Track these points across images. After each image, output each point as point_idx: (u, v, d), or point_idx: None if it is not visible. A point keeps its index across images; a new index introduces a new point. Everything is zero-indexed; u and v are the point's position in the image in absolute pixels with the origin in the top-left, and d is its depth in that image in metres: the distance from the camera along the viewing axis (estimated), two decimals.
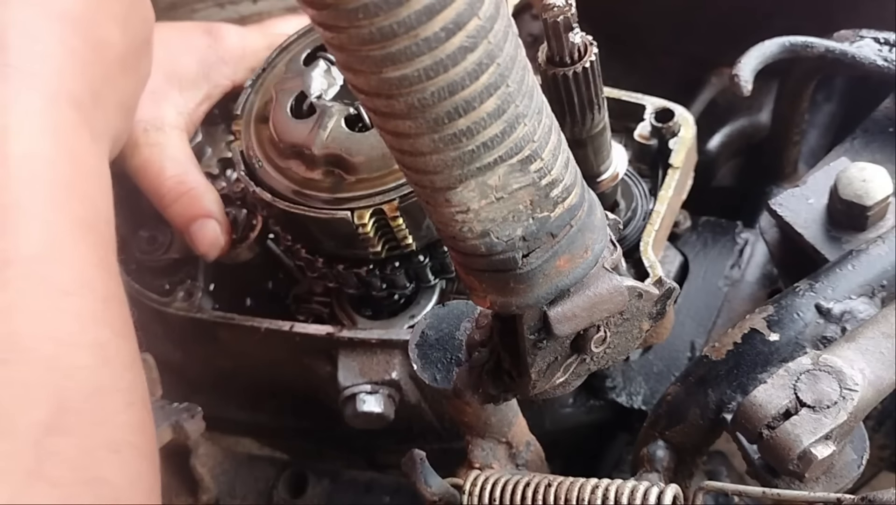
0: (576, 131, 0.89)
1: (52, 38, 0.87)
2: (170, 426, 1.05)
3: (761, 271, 1.24)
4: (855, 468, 0.78)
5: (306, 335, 1.08)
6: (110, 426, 0.75)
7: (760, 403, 0.74)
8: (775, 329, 0.83)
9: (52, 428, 0.69)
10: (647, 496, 0.74)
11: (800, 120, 1.24)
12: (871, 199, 0.90)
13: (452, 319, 0.80)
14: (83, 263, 0.80)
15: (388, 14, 0.48)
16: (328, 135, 0.97)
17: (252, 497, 1.19)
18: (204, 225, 1.11)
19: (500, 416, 0.86)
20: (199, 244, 1.11)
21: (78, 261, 0.80)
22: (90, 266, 0.80)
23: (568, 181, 0.60)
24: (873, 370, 0.75)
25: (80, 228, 0.81)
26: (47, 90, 0.84)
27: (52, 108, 0.84)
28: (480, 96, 0.52)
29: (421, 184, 0.57)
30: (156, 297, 1.16)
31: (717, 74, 1.38)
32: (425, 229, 1.00)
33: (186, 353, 1.23)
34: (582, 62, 0.82)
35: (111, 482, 0.73)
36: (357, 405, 1.05)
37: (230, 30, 1.20)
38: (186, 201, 1.11)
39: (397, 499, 1.18)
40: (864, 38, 1.04)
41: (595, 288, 0.64)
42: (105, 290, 0.81)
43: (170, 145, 1.12)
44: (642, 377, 1.18)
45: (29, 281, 0.75)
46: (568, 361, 0.70)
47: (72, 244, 0.80)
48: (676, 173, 1.05)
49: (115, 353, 0.79)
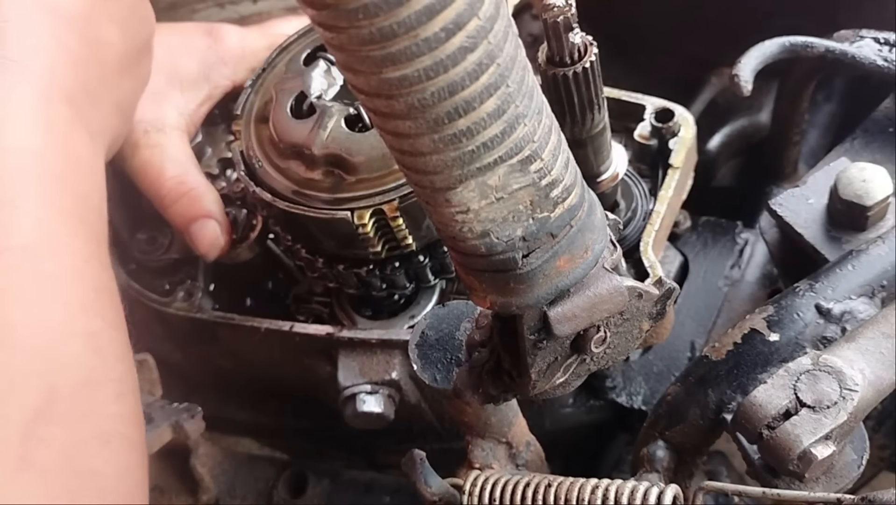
0: (576, 131, 0.89)
1: (46, 34, 0.87)
2: (170, 426, 1.05)
3: (761, 271, 1.24)
4: (855, 468, 0.78)
5: (306, 335, 1.08)
6: (101, 416, 0.75)
7: (760, 403, 0.74)
8: (775, 329, 0.83)
9: (41, 416, 0.69)
10: (647, 496, 0.74)
11: (800, 120, 1.24)
12: (871, 199, 0.90)
13: (452, 319, 0.80)
14: (74, 255, 0.80)
15: (388, 14, 0.48)
16: (328, 135, 0.97)
17: (252, 497, 1.19)
18: (204, 225, 1.11)
19: (500, 416, 0.86)
20: (199, 244, 1.11)
21: (69, 252, 0.80)
22: (81, 257, 0.81)
23: (568, 181, 0.60)
24: (873, 370, 0.75)
25: (72, 221, 0.82)
26: (39, 84, 0.84)
27: (44, 103, 0.84)
28: (480, 96, 0.52)
29: (421, 184, 0.57)
30: (156, 297, 1.16)
31: (717, 74, 1.38)
32: (425, 229, 1.00)
33: (186, 353, 1.23)
34: (582, 62, 0.82)
35: (100, 472, 0.73)
36: (357, 405, 1.05)
37: (230, 30, 1.20)
38: (187, 202, 1.11)
39: (397, 499, 1.18)
40: (864, 38, 1.04)
41: (595, 288, 0.64)
42: (96, 280, 0.81)
43: (170, 146, 1.12)
44: (642, 377, 1.18)
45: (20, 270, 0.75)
46: (568, 361, 0.70)
47: (63, 236, 0.80)
48: (676, 173, 1.05)
49: (107, 343, 0.79)
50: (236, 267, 1.17)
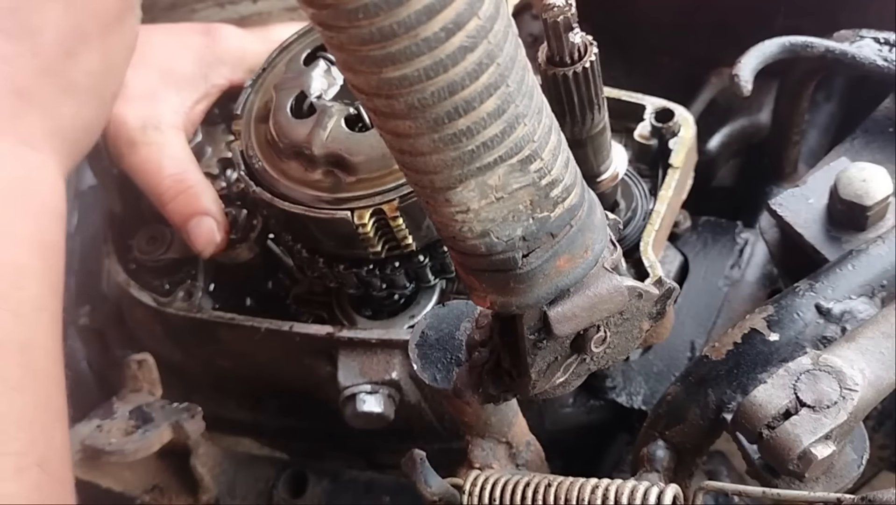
0: (576, 131, 0.89)
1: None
2: (170, 426, 1.05)
3: (761, 271, 1.24)
4: (855, 468, 0.78)
5: (306, 335, 1.08)
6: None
7: (760, 403, 0.74)
8: (775, 329, 0.83)
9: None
10: (647, 496, 0.74)
11: (800, 120, 1.24)
12: (871, 199, 0.90)
13: (452, 319, 0.80)
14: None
15: (388, 14, 0.48)
16: (328, 135, 0.97)
17: (252, 497, 1.19)
18: (201, 222, 1.10)
19: (500, 416, 0.86)
20: (195, 241, 1.10)
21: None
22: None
23: (568, 181, 0.60)
24: (873, 370, 0.75)
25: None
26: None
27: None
28: (480, 96, 0.52)
29: (421, 184, 0.57)
30: (156, 297, 1.16)
31: (717, 74, 1.38)
32: (425, 229, 1.00)
33: (186, 353, 1.23)
34: (582, 62, 0.82)
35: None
36: (357, 405, 1.05)
37: (229, 31, 1.20)
38: (184, 199, 1.10)
39: (397, 499, 1.18)
40: (864, 38, 1.04)
41: (595, 288, 0.64)
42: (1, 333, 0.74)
43: (168, 144, 1.12)
44: (642, 377, 1.18)
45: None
46: (568, 361, 0.70)
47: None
48: (676, 173, 1.05)
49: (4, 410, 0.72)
50: (236, 267, 1.17)
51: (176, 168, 1.11)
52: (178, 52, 1.16)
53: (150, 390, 1.12)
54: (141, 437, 1.04)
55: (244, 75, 1.17)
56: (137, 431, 1.05)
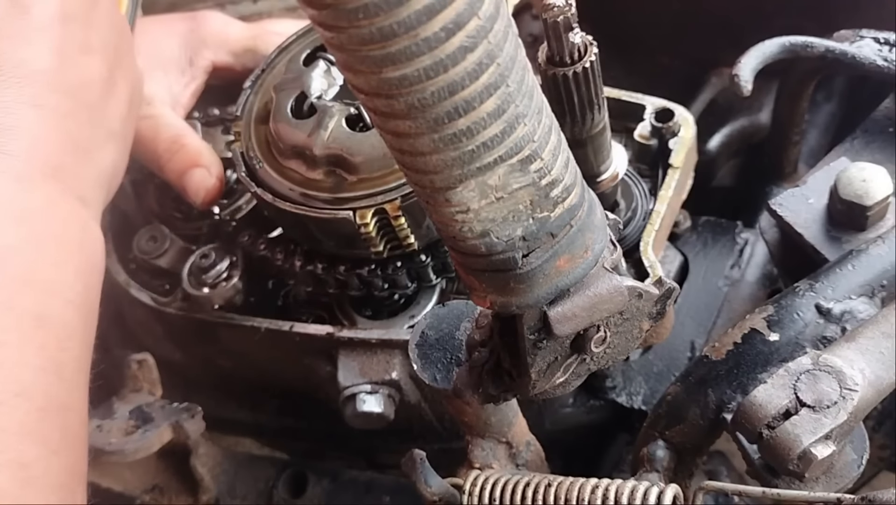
0: (576, 131, 0.89)
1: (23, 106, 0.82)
2: (170, 426, 1.05)
3: (761, 271, 1.24)
4: (855, 468, 0.78)
5: (306, 335, 1.08)
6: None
7: (760, 403, 0.74)
8: (775, 329, 0.83)
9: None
10: (647, 496, 0.74)
11: (800, 120, 1.24)
12: (871, 199, 0.90)
13: (452, 319, 0.80)
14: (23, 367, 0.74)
15: (388, 14, 0.48)
16: (329, 135, 0.97)
17: (252, 497, 1.19)
18: (194, 172, 1.10)
19: (500, 416, 0.86)
20: (189, 192, 1.10)
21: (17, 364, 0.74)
22: (31, 370, 0.75)
23: (568, 181, 0.60)
24: (873, 370, 0.75)
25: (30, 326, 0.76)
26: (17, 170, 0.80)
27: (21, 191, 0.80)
28: (480, 96, 0.52)
29: (421, 184, 0.57)
30: (155, 296, 1.16)
31: (717, 74, 1.38)
32: (426, 229, 1.00)
33: (186, 353, 1.23)
34: (582, 62, 0.82)
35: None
36: (357, 405, 1.05)
37: (213, 15, 1.22)
38: (181, 156, 1.11)
39: (397, 499, 1.18)
40: (864, 38, 1.04)
41: (595, 288, 0.64)
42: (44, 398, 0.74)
43: (162, 115, 1.13)
44: (642, 377, 1.18)
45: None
46: (568, 361, 0.70)
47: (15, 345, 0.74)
48: (676, 173, 1.05)
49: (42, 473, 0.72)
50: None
51: (172, 132, 1.12)
52: (164, 38, 1.18)
53: (150, 390, 1.12)
54: (141, 437, 1.04)
55: (227, 57, 1.19)
56: (137, 431, 1.05)
